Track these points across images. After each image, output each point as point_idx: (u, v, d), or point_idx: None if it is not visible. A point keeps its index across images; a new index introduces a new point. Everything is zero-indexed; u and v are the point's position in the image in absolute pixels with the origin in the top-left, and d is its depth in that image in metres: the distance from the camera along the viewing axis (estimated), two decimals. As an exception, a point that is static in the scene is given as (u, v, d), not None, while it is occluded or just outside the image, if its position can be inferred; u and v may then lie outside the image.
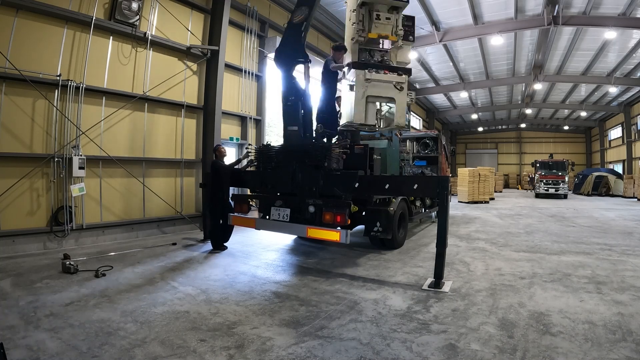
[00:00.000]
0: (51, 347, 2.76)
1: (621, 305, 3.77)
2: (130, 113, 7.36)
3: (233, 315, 3.49)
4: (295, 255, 6.12)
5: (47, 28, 6.13)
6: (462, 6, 11.70)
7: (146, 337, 2.99)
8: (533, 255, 6.12)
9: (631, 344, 2.91)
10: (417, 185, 4.95)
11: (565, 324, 3.30)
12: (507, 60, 16.72)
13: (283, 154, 5.75)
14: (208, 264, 5.44)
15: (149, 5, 7.57)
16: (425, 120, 26.75)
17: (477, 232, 8.53)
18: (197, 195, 8.56)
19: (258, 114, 10.34)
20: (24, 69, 5.71)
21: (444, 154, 11.63)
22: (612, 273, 4.97)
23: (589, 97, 22.92)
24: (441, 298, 4.01)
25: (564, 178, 20.34)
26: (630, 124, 23.13)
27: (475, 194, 16.72)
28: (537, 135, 35.00)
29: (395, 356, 2.73)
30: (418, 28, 12.98)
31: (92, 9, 6.61)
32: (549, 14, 11.53)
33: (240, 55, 9.74)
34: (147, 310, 3.56)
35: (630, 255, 6.08)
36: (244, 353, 2.76)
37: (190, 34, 8.35)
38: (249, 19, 9.76)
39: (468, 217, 11.62)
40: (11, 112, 5.79)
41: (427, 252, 6.21)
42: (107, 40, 6.95)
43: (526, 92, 22.00)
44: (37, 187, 6.09)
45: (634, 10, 11.25)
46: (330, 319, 3.43)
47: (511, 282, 4.61)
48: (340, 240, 4.88)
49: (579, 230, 8.86)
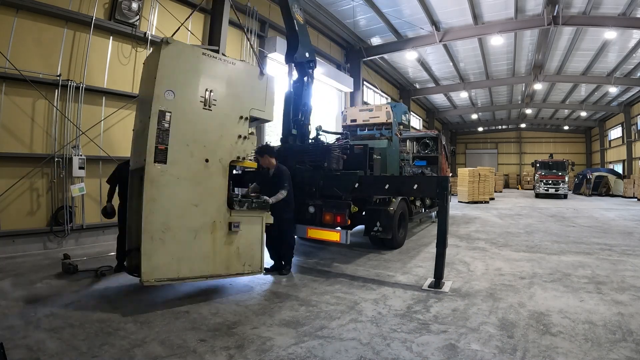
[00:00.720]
0: (51, 347, 2.76)
1: (621, 305, 3.77)
2: (131, 113, 7.35)
3: (233, 315, 3.49)
4: (295, 255, 6.09)
5: (47, 28, 6.13)
6: (462, 6, 11.70)
7: (146, 337, 2.99)
8: (533, 255, 6.12)
9: (631, 344, 2.91)
10: (417, 185, 4.95)
11: (565, 324, 3.30)
12: (507, 60, 16.72)
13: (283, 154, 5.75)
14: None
15: (149, 5, 7.57)
16: (425, 120, 26.76)
17: (477, 232, 8.53)
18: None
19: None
20: (24, 69, 5.71)
21: (444, 154, 11.63)
22: (612, 273, 4.97)
23: (589, 97, 22.92)
24: (441, 298, 4.01)
25: (564, 178, 20.35)
26: (630, 124, 23.14)
27: (475, 194, 16.73)
28: (537, 135, 35.01)
29: (395, 356, 2.73)
30: (418, 28, 13.06)
31: (92, 9, 6.61)
32: (549, 14, 11.53)
33: (240, 55, 9.74)
34: (147, 310, 3.55)
35: (630, 255, 6.08)
36: (244, 353, 2.76)
37: (190, 34, 8.35)
38: (249, 19, 9.76)
39: (468, 217, 11.62)
40: (11, 112, 5.79)
41: (427, 252, 6.21)
42: (107, 40, 6.95)
43: (526, 92, 22.00)
44: (37, 187, 6.09)
45: (634, 10, 11.25)
46: (330, 319, 3.43)
47: (511, 282, 4.61)
48: (340, 241, 4.88)
49: (579, 230, 8.86)
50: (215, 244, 3.89)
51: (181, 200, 3.68)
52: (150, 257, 3.48)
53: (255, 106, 4.25)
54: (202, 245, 3.80)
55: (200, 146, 3.81)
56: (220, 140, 3.95)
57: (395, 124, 7.57)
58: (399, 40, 14.07)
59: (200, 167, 3.80)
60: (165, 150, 3.58)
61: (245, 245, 4.12)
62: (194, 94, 3.79)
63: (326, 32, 13.24)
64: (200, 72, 3.86)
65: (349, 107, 11.63)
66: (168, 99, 3.61)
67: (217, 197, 3.91)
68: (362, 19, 12.67)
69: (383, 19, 12.50)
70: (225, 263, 3.98)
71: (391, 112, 7.60)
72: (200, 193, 3.80)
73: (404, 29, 13.53)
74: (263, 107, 4.33)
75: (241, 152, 4.09)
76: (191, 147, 3.75)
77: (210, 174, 3.87)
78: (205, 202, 3.82)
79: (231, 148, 4.02)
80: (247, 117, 4.15)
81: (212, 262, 3.87)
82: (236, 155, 4.05)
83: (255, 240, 4.22)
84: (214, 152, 3.90)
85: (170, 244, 3.59)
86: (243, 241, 4.10)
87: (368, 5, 11.41)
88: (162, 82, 3.59)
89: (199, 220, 3.79)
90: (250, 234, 4.16)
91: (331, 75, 13.10)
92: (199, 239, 3.78)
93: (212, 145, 3.89)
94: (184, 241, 3.68)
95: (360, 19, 12.63)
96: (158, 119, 3.55)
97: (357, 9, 11.80)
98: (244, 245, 4.10)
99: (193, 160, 3.76)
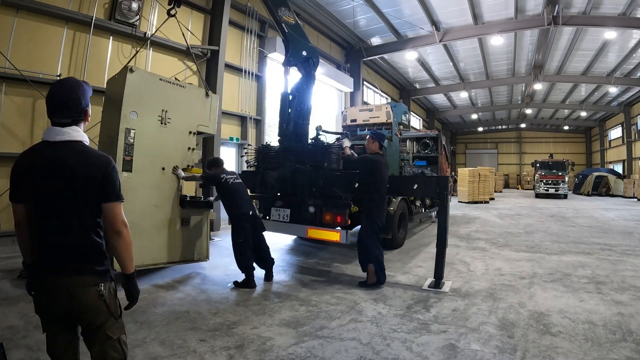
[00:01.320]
0: (51, 347, 2.76)
1: (621, 305, 3.77)
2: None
3: (233, 315, 3.49)
4: (295, 255, 6.12)
5: (47, 28, 6.13)
6: (462, 6, 11.70)
7: (146, 337, 2.99)
8: (533, 255, 6.13)
9: (631, 344, 2.91)
10: (417, 185, 4.95)
11: (565, 324, 3.30)
12: (507, 60, 16.71)
13: (283, 154, 5.75)
14: (208, 264, 5.43)
15: (149, 5, 7.57)
16: (425, 120, 26.76)
17: (477, 232, 8.53)
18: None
19: (258, 114, 10.33)
20: (24, 69, 5.71)
21: (444, 154, 11.62)
22: (612, 273, 4.97)
23: (589, 97, 22.91)
24: (441, 298, 4.01)
25: (564, 178, 20.34)
26: (630, 124, 23.12)
27: (475, 194, 16.72)
28: (537, 135, 34.98)
29: (395, 356, 2.73)
30: (418, 28, 13.06)
31: (92, 9, 6.61)
32: (549, 14, 11.52)
33: (240, 55, 9.75)
34: (147, 310, 3.55)
35: (630, 255, 6.08)
36: (244, 353, 2.76)
37: (190, 33, 8.35)
38: (249, 19, 9.77)
39: (468, 217, 11.62)
40: (11, 112, 5.79)
41: (427, 252, 6.21)
42: (107, 40, 6.95)
43: (526, 92, 21.99)
44: (37, 187, 6.08)
45: (634, 10, 11.25)
46: (330, 318, 3.43)
47: (511, 282, 4.61)
48: (341, 241, 4.89)
49: (579, 230, 8.86)
50: (171, 237, 4.68)
51: (144, 201, 4.39)
52: None
53: (201, 122, 5.05)
54: (161, 238, 4.57)
55: (158, 157, 4.56)
56: (174, 151, 4.74)
57: (395, 124, 7.57)
58: (399, 40, 14.07)
59: (158, 174, 4.56)
60: (130, 160, 4.29)
61: (194, 237, 4.94)
62: (153, 114, 4.52)
63: (326, 32, 13.24)
64: (158, 95, 4.58)
65: (349, 107, 11.63)
66: (132, 118, 4.31)
67: (172, 199, 4.70)
68: (362, 19, 12.67)
69: (383, 19, 12.50)
70: (179, 252, 4.77)
71: (391, 112, 7.60)
72: (159, 195, 4.56)
73: (404, 29, 13.53)
74: (208, 123, 5.15)
75: (190, 161, 4.90)
76: (151, 158, 4.48)
77: (167, 179, 4.65)
78: (163, 203, 4.60)
79: (182, 158, 4.82)
80: (195, 132, 4.94)
81: (169, 251, 4.66)
82: (187, 164, 4.86)
83: (201, 233, 5.02)
84: (169, 162, 4.66)
85: (137, 238, 4.12)
86: (192, 234, 4.91)
87: (368, 5, 11.42)
88: (128, 105, 4.28)
89: (159, 218, 4.55)
90: (197, 228, 4.97)
91: (331, 75, 13.11)
92: (159, 233, 4.55)
93: (167, 156, 4.66)
94: (147, 235, 4.38)
95: (360, 19, 12.63)
96: (125, 136, 4.24)
97: (357, 9, 11.80)
98: (193, 238, 4.93)
99: (153, 169, 4.51)
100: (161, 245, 4.56)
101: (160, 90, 4.59)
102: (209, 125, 5.15)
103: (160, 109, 4.56)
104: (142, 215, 4.32)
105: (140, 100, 4.38)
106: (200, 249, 5.00)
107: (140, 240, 4.16)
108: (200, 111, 5.02)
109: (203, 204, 5.04)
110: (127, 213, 4.08)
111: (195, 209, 4.91)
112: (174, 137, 4.71)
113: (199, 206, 4.97)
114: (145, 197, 4.38)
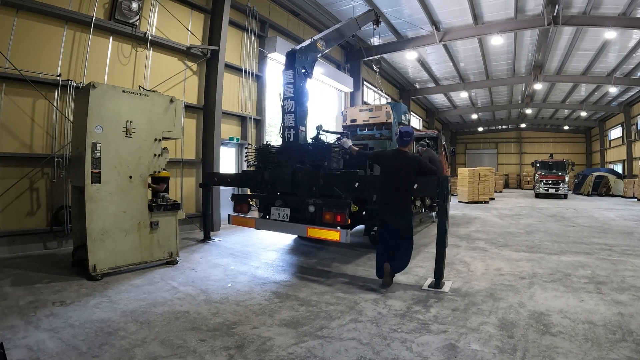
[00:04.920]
0: (51, 347, 2.77)
1: (621, 305, 3.77)
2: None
3: (233, 315, 3.49)
4: (295, 255, 6.12)
5: (47, 28, 6.13)
6: (462, 6, 11.69)
7: (146, 337, 2.99)
8: (533, 255, 6.13)
9: (631, 344, 2.91)
10: (417, 185, 4.94)
11: (565, 324, 3.30)
12: (507, 60, 16.71)
13: (283, 154, 5.75)
14: (208, 264, 5.44)
15: (149, 5, 7.57)
16: (425, 120, 26.75)
17: (477, 232, 8.53)
18: (197, 195, 8.56)
19: (258, 114, 10.33)
20: (24, 69, 5.71)
21: (444, 154, 11.62)
22: (612, 273, 4.97)
23: (589, 97, 22.90)
24: (441, 298, 4.01)
25: (564, 178, 20.34)
26: (630, 124, 23.11)
27: (475, 194, 16.72)
28: (537, 135, 34.98)
29: (395, 356, 2.73)
30: (418, 28, 13.05)
31: (92, 9, 6.60)
32: (549, 14, 11.52)
33: (240, 55, 9.74)
34: (147, 310, 3.56)
35: (630, 255, 6.08)
36: (244, 353, 2.76)
37: (190, 34, 8.35)
38: (249, 19, 9.77)
39: (468, 217, 11.62)
40: (11, 112, 5.78)
41: (427, 252, 6.21)
42: (107, 40, 6.95)
43: (526, 92, 21.99)
44: (37, 187, 6.09)
45: (634, 10, 11.24)
46: (330, 318, 3.43)
47: (511, 282, 4.61)
48: (341, 240, 4.88)
49: (579, 230, 8.86)
50: (141, 239, 4.97)
51: (113, 209, 4.69)
52: (95, 253, 4.50)
53: (166, 128, 5.23)
54: (131, 241, 4.86)
55: (125, 166, 4.79)
56: (140, 160, 4.95)
57: (395, 124, 7.57)
58: (399, 40, 14.07)
59: (126, 182, 4.81)
60: (98, 173, 4.54)
61: (163, 238, 5.21)
62: (118, 126, 4.72)
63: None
64: (121, 107, 4.75)
65: (349, 107, 11.61)
66: (98, 132, 4.53)
67: (140, 204, 4.97)
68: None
69: (383, 19, 12.47)
70: (150, 252, 5.06)
71: (391, 112, 7.60)
72: (127, 202, 4.82)
73: (404, 29, 13.53)
74: (173, 129, 5.32)
75: (157, 167, 5.14)
76: (118, 168, 4.73)
77: (134, 187, 4.90)
78: (131, 208, 4.86)
79: (149, 165, 5.04)
80: (160, 138, 5.14)
81: (140, 252, 4.95)
82: (153, 170, 5.09)
83: (171, 234, 5.31)
84: (136, 170, 4.90)
85: (108, 242, 4.63)
86: (162, 235, 5.19)
87: (368, 5, 11.41)
88: (93, 119, 4.49)
89: (128, 223, 4.83)
90: (167, 229, 5.25)
91: (331, 75, 13.11)
92: (129, 236, 4.84)
93: (133, 164, 4.88)
94: (117, 239, 4.71)
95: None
96: (92, 150, 4.48)
97: (357, 9, 11.77)
98: (163, 238, 5.20)
99: (120, 178, 4.75)
100: (132, 247, 4.86)
101: (124, 101, 4.78)
102: (174, 130, 5.34)
103: (125, 120, 4.76)
104: (111, 221, 4.65)
105: (105, 114, 4.58)
106: (170, 247, 5.30)
107: (111, 244, 4.64)
108: (164, 118, 5.21)
109: (171, 206, 5.30)
110: (98, 220, 4.37)
111: (163, 211, 5.20)
112: (139, 146, 4.92)
113: (166, 209, 5.24)
114: (113, 204, 4.67)
